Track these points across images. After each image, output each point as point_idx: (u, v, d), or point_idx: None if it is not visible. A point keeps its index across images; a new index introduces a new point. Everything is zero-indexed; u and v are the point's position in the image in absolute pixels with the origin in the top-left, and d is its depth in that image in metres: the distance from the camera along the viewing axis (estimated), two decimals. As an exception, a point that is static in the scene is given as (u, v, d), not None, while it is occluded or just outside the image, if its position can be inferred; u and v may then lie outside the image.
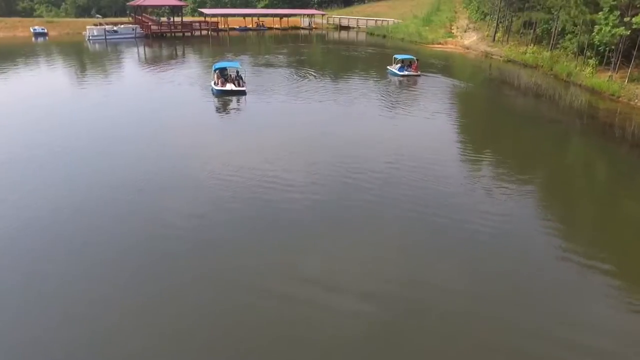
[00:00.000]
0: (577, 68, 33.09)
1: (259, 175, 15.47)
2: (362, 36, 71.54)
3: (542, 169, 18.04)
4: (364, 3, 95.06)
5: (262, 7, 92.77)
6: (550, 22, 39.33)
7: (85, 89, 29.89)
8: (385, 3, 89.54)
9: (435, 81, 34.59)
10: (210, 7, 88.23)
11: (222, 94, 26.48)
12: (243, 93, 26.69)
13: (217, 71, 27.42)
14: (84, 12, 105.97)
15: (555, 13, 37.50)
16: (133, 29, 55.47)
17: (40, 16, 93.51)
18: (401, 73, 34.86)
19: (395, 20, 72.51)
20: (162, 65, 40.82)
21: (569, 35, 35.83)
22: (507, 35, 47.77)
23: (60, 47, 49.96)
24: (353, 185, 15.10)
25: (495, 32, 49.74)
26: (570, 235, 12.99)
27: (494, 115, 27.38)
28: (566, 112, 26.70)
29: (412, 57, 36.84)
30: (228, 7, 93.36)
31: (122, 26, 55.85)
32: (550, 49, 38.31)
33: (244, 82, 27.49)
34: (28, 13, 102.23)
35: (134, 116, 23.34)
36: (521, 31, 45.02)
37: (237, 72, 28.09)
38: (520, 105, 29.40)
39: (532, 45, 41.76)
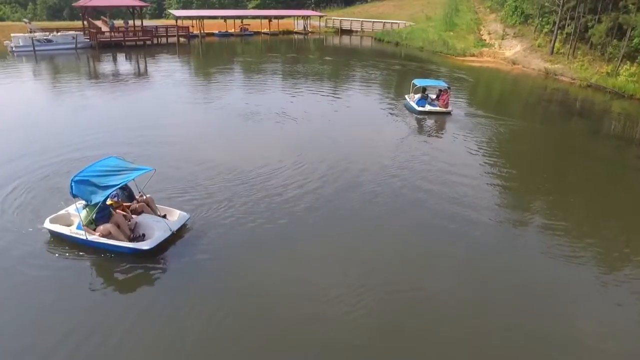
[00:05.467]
0: None
1: None
2: (368, 42, 59.23)
3: None
4: (367, 2, 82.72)
5: (254, 8, 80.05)
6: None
7: None
8: (391, 2, 77.56)
9: (480, 125, 20.91)
10: (196, 9, 75.17)
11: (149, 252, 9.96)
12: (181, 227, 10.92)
13: (114, 194, 10.73)
14: (56, 13, 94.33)
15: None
16: (73, 38, 42.55)
17: (2, 18, 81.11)
18: (421, 108, 21.79)
19: (407, 23, 60.62)
20: (87, 104, 26.79)
21: None
22: (572, 46, 35.28)
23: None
24: None
25: (554, 42, 37.24)
26: None
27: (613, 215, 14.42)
28: None
29: (439, 82, 23.69)
30: (216, 8, 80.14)
31: (59, 34, 42.88)
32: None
33: (143, 196, 11.26)
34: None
35: None
36: (603, 41, 32.02)
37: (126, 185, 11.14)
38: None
39: (625, 62, 29.23)
